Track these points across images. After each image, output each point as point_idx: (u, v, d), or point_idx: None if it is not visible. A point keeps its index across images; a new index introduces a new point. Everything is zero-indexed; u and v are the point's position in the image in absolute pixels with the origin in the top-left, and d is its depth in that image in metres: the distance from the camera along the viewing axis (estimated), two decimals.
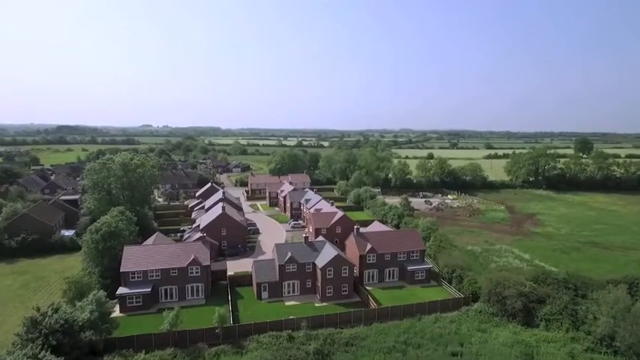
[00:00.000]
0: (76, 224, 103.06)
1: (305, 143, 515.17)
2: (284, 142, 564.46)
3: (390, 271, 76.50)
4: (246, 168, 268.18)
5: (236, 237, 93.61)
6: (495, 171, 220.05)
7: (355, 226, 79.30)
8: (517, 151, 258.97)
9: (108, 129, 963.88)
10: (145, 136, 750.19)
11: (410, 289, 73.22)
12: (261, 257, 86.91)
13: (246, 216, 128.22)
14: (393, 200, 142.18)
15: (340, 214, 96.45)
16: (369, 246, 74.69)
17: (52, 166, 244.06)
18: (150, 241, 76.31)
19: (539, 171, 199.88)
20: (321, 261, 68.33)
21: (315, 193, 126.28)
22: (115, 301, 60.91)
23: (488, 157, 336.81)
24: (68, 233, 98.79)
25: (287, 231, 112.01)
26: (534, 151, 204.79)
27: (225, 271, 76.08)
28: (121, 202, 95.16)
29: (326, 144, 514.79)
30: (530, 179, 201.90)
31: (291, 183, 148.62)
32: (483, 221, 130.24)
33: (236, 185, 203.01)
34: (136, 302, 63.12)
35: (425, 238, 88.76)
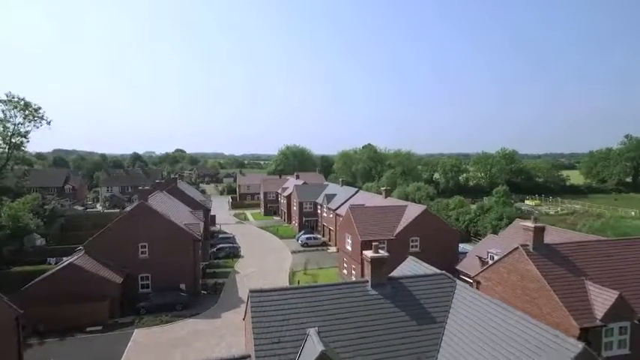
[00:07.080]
0: None
1: None
2: None
3: None
4: None
5: (175, 264, 39.52)
6: None
7: (532, 224, 22.39)
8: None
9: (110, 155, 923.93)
10: (146, 159, 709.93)
11: None
12: (227, 315, 32.61)
13: (224, 228, 74.57)
14: None
15: (419, 208, 41.53)
16: (608, 298, 19.92)
17: None
18: None
19: None
20: None
21: (343, 185, 72.65)
22: None
23: None
24: None
25: (293, 252, 57.85)
26: (631, 143, 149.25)
27: None
28: None
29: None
30: (627, 180, 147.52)
31: (298, 177, 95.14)
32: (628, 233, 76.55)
33: (222, 193, 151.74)
34: None
35: None
